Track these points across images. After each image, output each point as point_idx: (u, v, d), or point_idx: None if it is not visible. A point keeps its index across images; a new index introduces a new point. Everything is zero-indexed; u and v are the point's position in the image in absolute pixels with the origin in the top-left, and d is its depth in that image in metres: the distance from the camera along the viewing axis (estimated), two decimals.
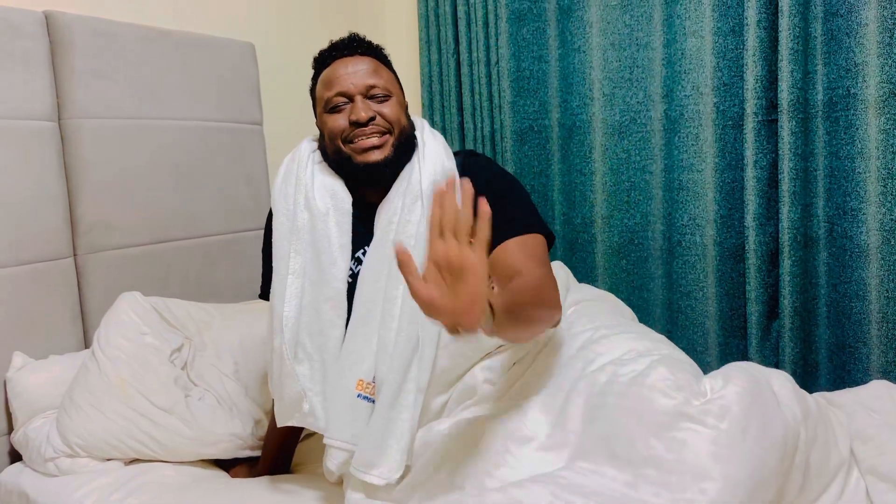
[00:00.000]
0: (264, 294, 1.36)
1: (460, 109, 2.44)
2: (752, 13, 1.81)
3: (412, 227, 1.20)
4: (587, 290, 1.48)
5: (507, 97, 2.28)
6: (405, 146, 1.26)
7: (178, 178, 1.83)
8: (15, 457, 1.50)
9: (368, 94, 1.25)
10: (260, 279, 1.41)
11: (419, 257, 1.16)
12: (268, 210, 2.05)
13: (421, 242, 1.18)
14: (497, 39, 2.28)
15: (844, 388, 1.44)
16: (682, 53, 1.98)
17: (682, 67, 1.98)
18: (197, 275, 1.88)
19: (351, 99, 1.24)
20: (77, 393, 1.40)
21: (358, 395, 1.16)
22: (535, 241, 1.18)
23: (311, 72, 1.34)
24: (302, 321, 1.22)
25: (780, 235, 1.83)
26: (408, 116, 1.31)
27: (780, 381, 1.07)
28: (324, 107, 1.27)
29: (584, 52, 2.15)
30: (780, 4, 1.76)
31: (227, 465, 1.47)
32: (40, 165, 1.57)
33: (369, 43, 1.32)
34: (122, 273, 1.70)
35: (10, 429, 1.51)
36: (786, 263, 1.83)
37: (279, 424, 1.26)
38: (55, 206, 1.59)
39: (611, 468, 0.96)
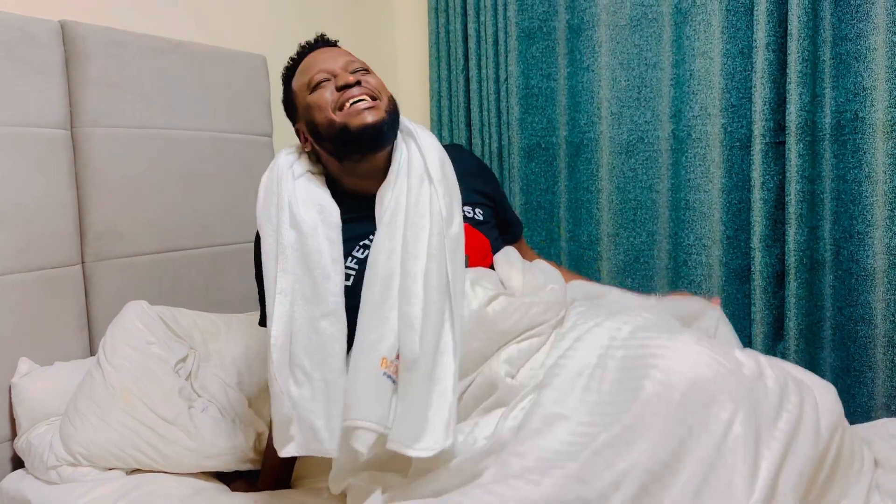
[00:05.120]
0: (263, 321, 1.33)
1: (469, 125, 2.45)
2: (761, 36, 1.83)
3: (423, 207, 1.20)
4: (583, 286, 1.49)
5: (515, 114, 2.30)
6: (395, 118, 1.27)
7: (188, 187, 1.84)
8: (17, 463, 1.50)
9: (349, 70, 1.27)
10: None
11: (435, 235, 1.18)
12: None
13: (437, 222, 1.19)
14: (506, 57, 2.29)
15: (849, 411, 1.43)
16: (691, 74, 1.99)
17: (691, 88, 1.99)
18: (204, 284, 1.89)
19: (333, 74, 1.27)
20: (81, 401, 1.40)
21: (383, 374, 1.11)
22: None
23: None
24: (299, 341, 1.17)
25: (787, 257, 1.83)
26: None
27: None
28: (307, 88, 1.28)
29: (593, 70, 2.16)
30: (789, 27, 1.77)
31: (228, 479, 1.46)
32: (52, 173, 1.58)
33: (336, 41, 1.39)
34: (130, 281, 1.71)
35: (14, 435, 1.51)
36: (792, 285, 1.82)
37: (280, 454, 1.18)
38: (65, 214, 1.60)
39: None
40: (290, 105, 1.37)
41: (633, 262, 2.14)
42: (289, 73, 1.38)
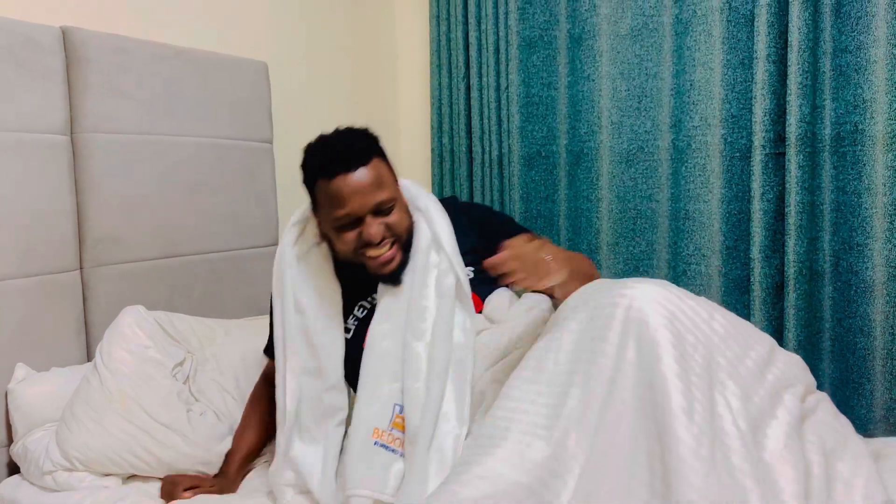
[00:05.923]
0: (267, 350, 1.48)
1: (469, 133, 2.45)
2: (761, 47, 1.83)
3: (429, 289, 1.27)
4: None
5: (515, 122, 2.30)
6: (411, 239, 1.32)
7: (187, 193, 1.84)
8: (13, 469, 1.50)
9: (375, 210, 1.25)
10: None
11: (442, 316, 1.24)
12: (275, 231, 2.05)
13: (445, 303, 1.25)
14: (507, 65, 2.30)
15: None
16: (692, 84, 1.99)
17: (691, 98, 2.00)
18: (202, 291, 1.88)
19: (360, 219, 1.25)
20: (78, 406, 1.40)
21: (374, 443, 1.20)
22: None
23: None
24: (306, 409, 1.30)
25: (786, 268, 1.83)
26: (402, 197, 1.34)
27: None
28: (332, 224, 1.27)
29: (594, 80, 2.17)
30: (789, 39, 1.78)
31: None
32: (52, 178, 1.58)
33: (366, 147, 1.28)
34: (128, 287, 1.71)
35: (10, 440, 1.50)
36: (791, 296, 1.82)
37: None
38: (64, 219, 1.60)
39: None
40: (312, 198, 1.32)
41: (633, 271, 2.14)
42: (312, 171, 1.29)
